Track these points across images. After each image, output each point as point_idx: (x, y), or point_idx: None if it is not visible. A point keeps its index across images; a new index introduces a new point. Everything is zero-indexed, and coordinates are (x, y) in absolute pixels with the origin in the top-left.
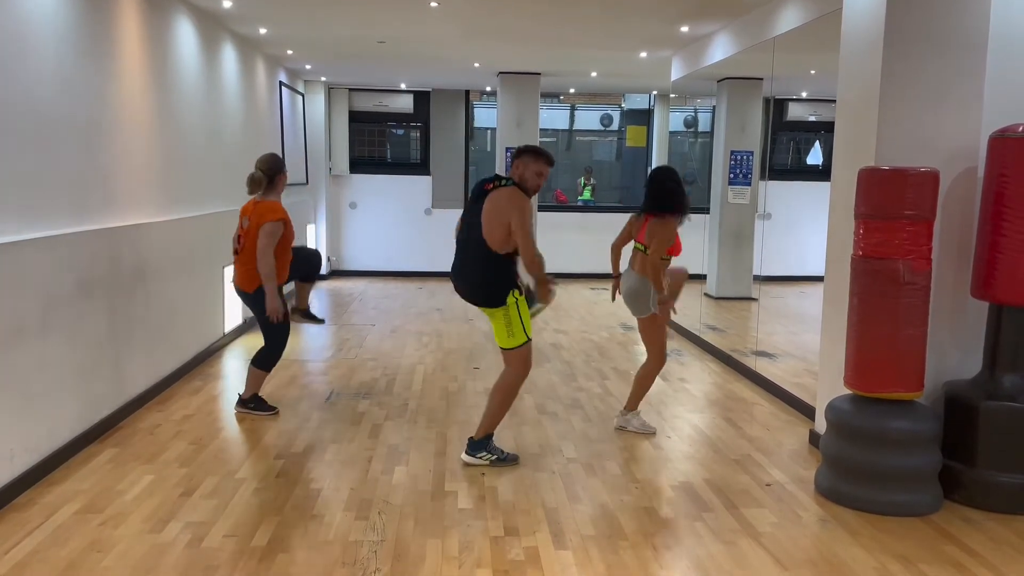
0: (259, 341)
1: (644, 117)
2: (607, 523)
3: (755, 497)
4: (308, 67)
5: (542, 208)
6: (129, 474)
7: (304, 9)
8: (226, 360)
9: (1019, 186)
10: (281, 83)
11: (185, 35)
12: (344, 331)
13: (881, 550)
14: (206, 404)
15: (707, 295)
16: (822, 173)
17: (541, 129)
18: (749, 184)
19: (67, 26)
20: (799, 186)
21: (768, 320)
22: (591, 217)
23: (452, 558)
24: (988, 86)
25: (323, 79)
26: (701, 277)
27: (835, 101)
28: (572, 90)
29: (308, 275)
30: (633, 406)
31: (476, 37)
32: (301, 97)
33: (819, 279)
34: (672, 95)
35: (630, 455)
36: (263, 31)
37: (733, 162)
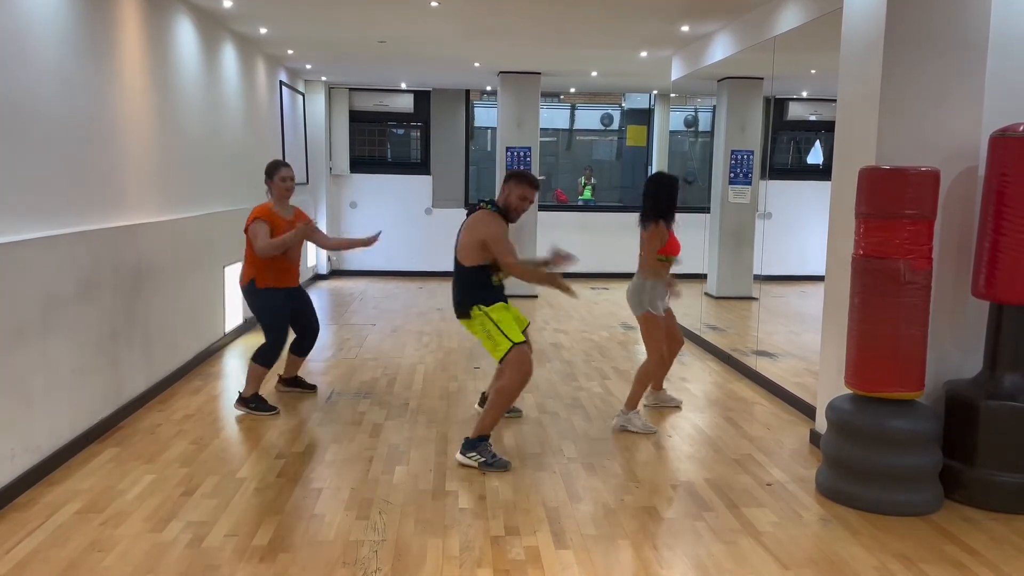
0: (257, 341)
1: (644, 117)
2: (608, 522)
3: (756, 496)
4: (308, 67)
5: (542, 208)
6: (130, 474)
7: (304, 9)
8: (227, 360)
9: (1020, 185)
10: (281, 83)
11: (185, 35)
12: (344, 331)
13: (882, 549)
14: (207, 404)
15: (707, 295)
16: (822, 172)
17: (541, 129)
18: (749, 183)
19: (67, 26)
20: (799, 185)
21: (768, 320)
22: (591, 217)
23: (453, 558)
24: (988, 85)
25: (323, 79)
26: (702, 277)
27: (835, 100)
28: (572, 90)
29: (302, 350)
30: (633, 405)
31: (476, 37)
32: (301, 97)
33: (820, 279)
34: (672, 95)
35: (631, 455)
36: (263, 31)
37: (733, 161)
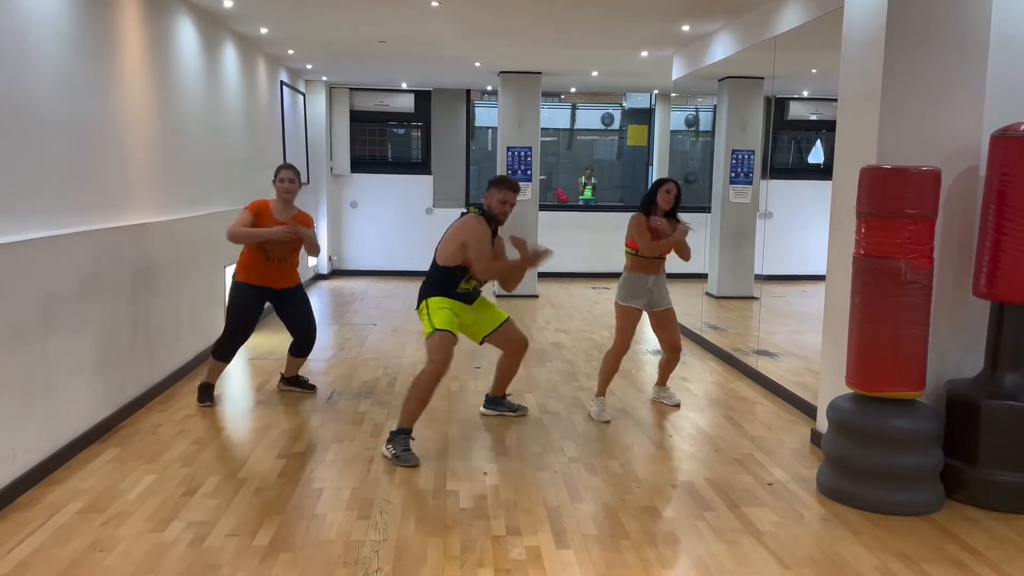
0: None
1: (645, 116)
2: (609, 522)
3: (757, 496)
4: (309, 66)
5: (543, 207)
6: (131, 473)
7: (305, 9)
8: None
9: (1021, 185)
10: (282, 82)
11: (186, 35)
12: (345, 331)
13: (883, 549)
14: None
15: (708, 294)
16: (823, 172)
17: (542, 128)
18: (750, 183)
19: (68, 26)
20: (800, 185)
21: (769, 319)
22: (592, 216)
23: (454, 557)
24: (989, 85)
25: (324, 78)
26: (702, 276)
27: (836, 100)
28: (573, 89)
29: (299, 352)
30: (599, 392)
31: (477, 36)
32: (302, 96)
33: (820, 278)
34: (673, 94)
35: (632, 454)
36: (264, 31)
37: (734, 161)
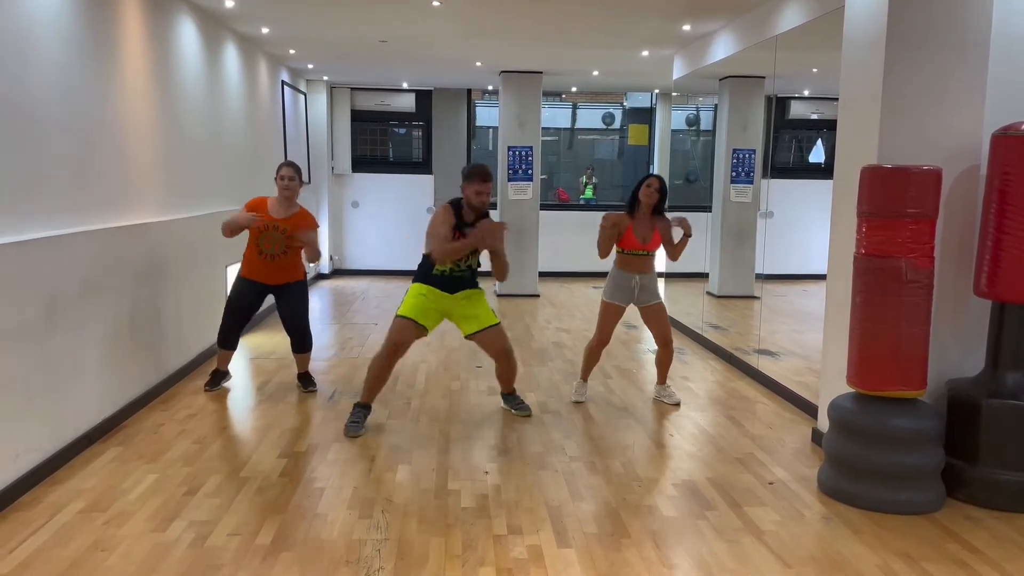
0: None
1: (646, 116)
2: (610, 521)
3: (758, 495)
4: (310, 66)
5: (544, 207)
6: (133, 473)
7: (306, 8)
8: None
9: (1022, 184)
10: (283, 82)
11: (187, 35)
12: (346, 330)
13: (884, 548)
14: (209, 403)
15: (709, 293)
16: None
17: (543, 128)
18: (751, 182)
19: (69, 26)
20: (801, 184)
21: (770, 318)
22: (593, 216)
23: (455, 557)
24: (990, 84)
25: (325, 78)
26: (703, 276)
27: (837, 99)
28: (574, 89)
29: (294, 349)
30: (582, 375)
31: (478, 36)
32: (303, 96)
33: (821, 277)
34: (674, 94)
35: (633, 453)
36: (265, 30)
37: (735, 160)
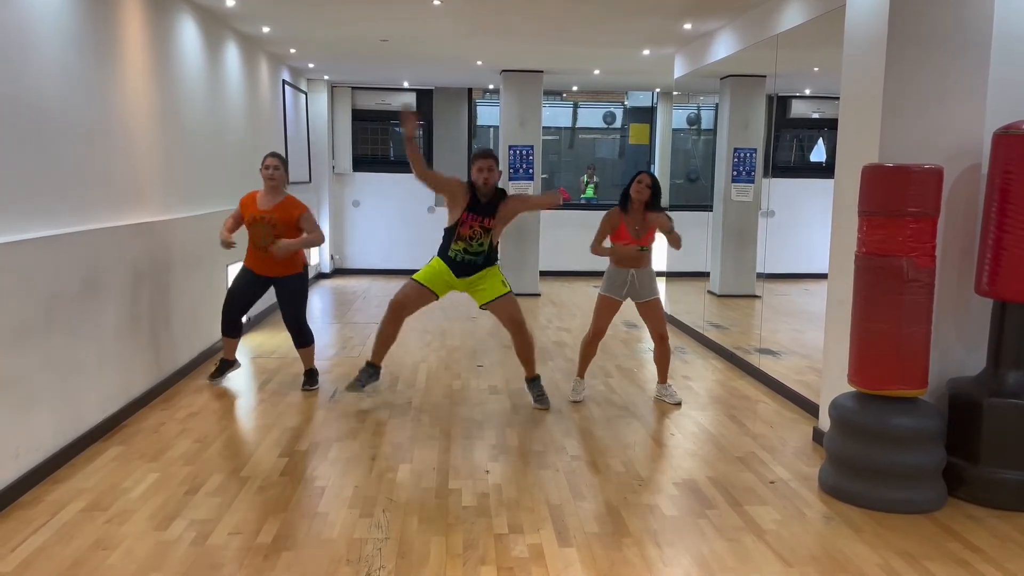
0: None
1: (647, 115)
2: (611, 520)
3: (759, 494)
4: (311, 65)
5: None
6: (134, 472)
7: (307, 8)
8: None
9: (1023, 183)
10: (284, 81)
11: (188, 34)
12: (347, 329)
13: (885, 547)
14: (210, 402)
15: (710, 292)
16: (825, 170)
17: (544, 127)
18: (752, 181)
19: (70, 25)
20: (802, 183)
21: (772, 317)
22: (594, 215)
23: (456, 555)
24: (992, 83)
25: (326, 77)
26: (705, 275)
27: (838, 98)
28: (575, 88)
29: (294, 342)
30: (578, 373)
31: (478, 35)
32: (304, 95)
33: (823, 276)
34: (675, 92)
35: (634, 452)
36: (266, 30)
37: (736, 159)
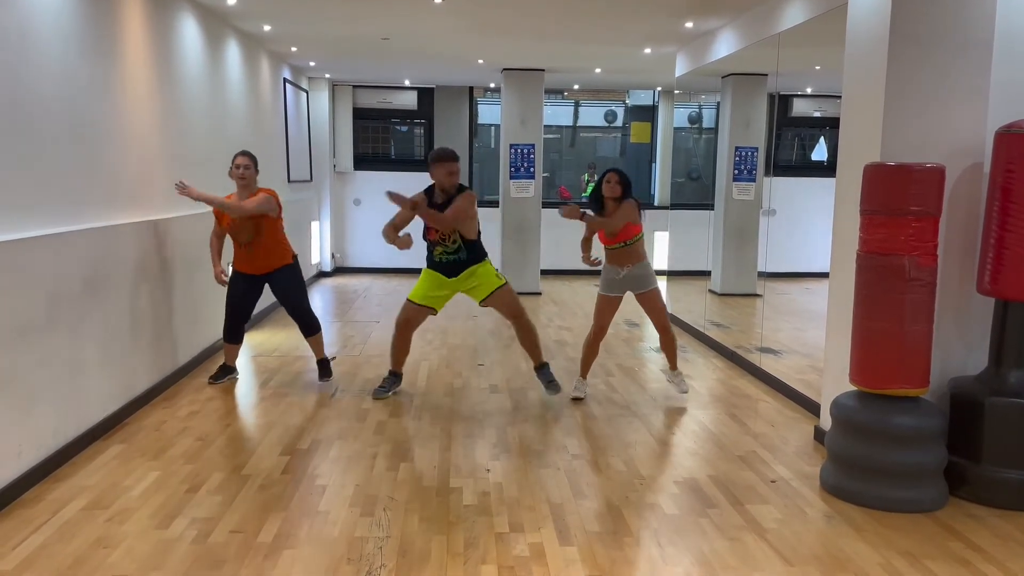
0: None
1: (648, 113)
2: (612, 519)
3: (760, 493)
4: (312, 64)
5: (546, 205)
6: (135, 470)
7: (308, 6)
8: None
9: None
10: (285, 80)
11: (189, 32)
12: (348, 328)
13: (886, 546)
14: (212, 401)
15: (711, 291)
16: (827, 169)
17: (545, 126)
18: (754, 180)
19: (71, 23)
20: (804, 182)
21: (773, 316)
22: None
23: (457, 554)
24: (994, 81)
25: (327, 76)
26: (706, 274)
27: (840, 97)
28: (576, 86)
29: (303, 331)
30: (581, 373)
31: (480, 33)
32: (305, 94)
33: (824, 275)
34: (676, 91)
35: (634, 451)
36: (267, 28)
37: (738, 158)
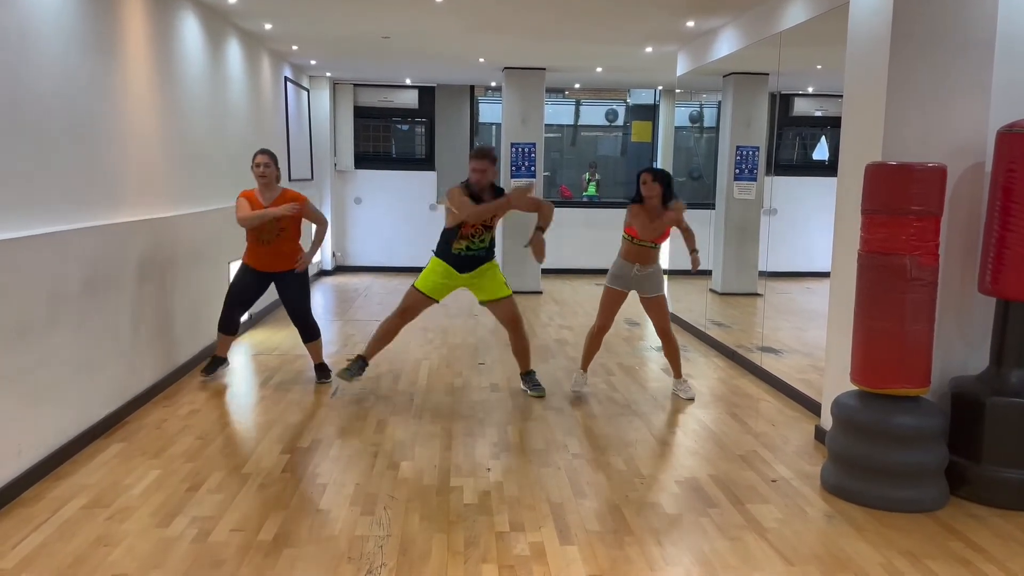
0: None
1: (649, 112)
2: (612, 518)
3: (760, 493)
4: (313, 62)
5: None
6: (136, 469)
7: (309, 5)
8: (232, 355)
9: None
10: (286, 79)
11: (190, 31)
12: (349, 327)
13: (887, 546)
14: (212, 399)
15: (712, 291)
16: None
17: (546, 124)
18: (755, 180)
19: (72, 22)
20: (805, 181)
21: (774, 316)
22: (596, 212)
23: (458, 553)
24: (995, 81)
25: (328, 75)
26: (707, 273)
27: (841, 96)
28: (577, 85)
29: (302, 337)
30: (582, 366)
31: (481, 32)
32: (306, 92)
33: (825, 275)
34: (678, 90)
35: (635, 450)
36: (268, 26)
37: (739, 157)
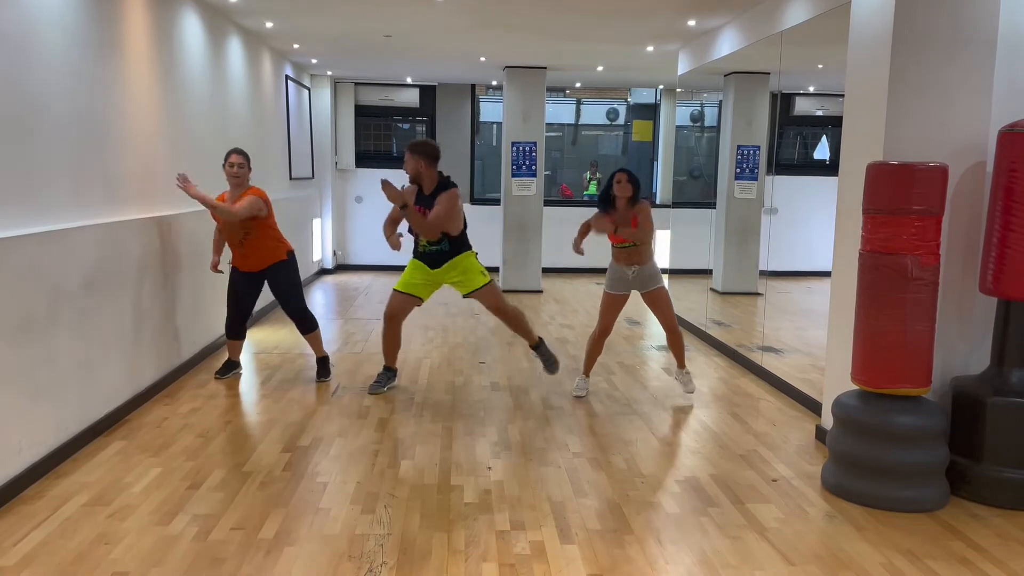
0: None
1: (650, 111)
2: (613, 517)
3: (761, 492)
4: (314, 61)
5: (548, 203)
6: (137, 467)
7: (310, 3)
8: None
9: None
10: (287, 77)
11: (191, 29)
12: (350, 325)
13: (887, 545)
14: (213, 397)
15: (713, 290)
16: (829, 168)
17: (547, 123)
18: (756, 179)
19: (74, 20)
20: (806, 181)
21: (774, 315)
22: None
23: (458, 552)
24: (997, 80)
25: (329, 73)
26: (707, 272)
27: (843, 96)
28: (578, 84)
29: (298, 329)
30: (583, 371)
31: (482, 30)
32: (307, 91)
33: (826, 274)
34: (679, 89)
35: (636, 449)
36: (269, 25)
37: (740, 157)
